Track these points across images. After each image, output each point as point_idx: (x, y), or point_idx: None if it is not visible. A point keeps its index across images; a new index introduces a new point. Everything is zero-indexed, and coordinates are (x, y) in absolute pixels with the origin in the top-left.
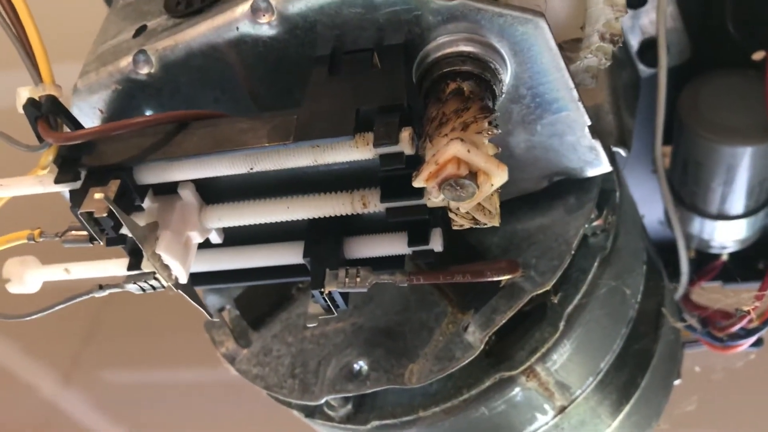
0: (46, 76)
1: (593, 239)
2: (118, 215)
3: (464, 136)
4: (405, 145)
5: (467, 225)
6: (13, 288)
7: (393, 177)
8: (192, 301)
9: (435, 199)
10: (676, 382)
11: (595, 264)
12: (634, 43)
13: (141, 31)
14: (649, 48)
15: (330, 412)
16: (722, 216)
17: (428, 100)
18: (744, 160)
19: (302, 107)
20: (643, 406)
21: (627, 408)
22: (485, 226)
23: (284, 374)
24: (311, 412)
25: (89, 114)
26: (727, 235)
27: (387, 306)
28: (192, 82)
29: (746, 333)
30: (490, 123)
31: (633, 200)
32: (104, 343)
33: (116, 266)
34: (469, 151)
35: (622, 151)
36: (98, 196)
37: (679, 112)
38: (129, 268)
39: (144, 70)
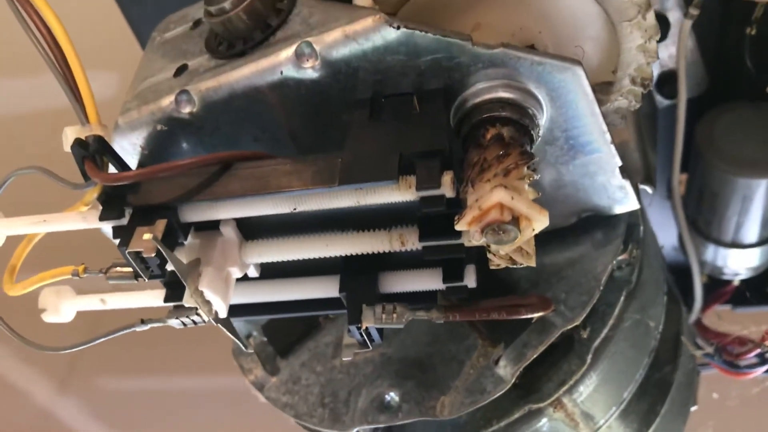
0: (92, 116)
1: (619, 273)
2: (165, 254)
3: (506, 183)
4: (446, 188)
5: (504, 265)
6: (48, 318)
7: (432, 217)
8: (229, 334)
9: (476, 241)
10: (693, 408)
11: (621, 298)
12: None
13: (182, 70)
14: (667, 80)
15: None
16: (736, 244)
17: (468, 145)
18: (759, 192)
19: (345, 150)
20: None
21: None
22: (521, 266)
23: (314, 403)
24: None
25: (129, 150)
26: (740, 263)
27: (415, 337)
28: (232, 121)
29: (761, 360)
30: (529, 168)
31: (653, 232)
32: (99, 349)
33: (152, 297)
34: (512, 197)
35: (648, 189)
36: (147, 236)
37: (696, 144)
38: (166, 300)
39: (186, 110)
